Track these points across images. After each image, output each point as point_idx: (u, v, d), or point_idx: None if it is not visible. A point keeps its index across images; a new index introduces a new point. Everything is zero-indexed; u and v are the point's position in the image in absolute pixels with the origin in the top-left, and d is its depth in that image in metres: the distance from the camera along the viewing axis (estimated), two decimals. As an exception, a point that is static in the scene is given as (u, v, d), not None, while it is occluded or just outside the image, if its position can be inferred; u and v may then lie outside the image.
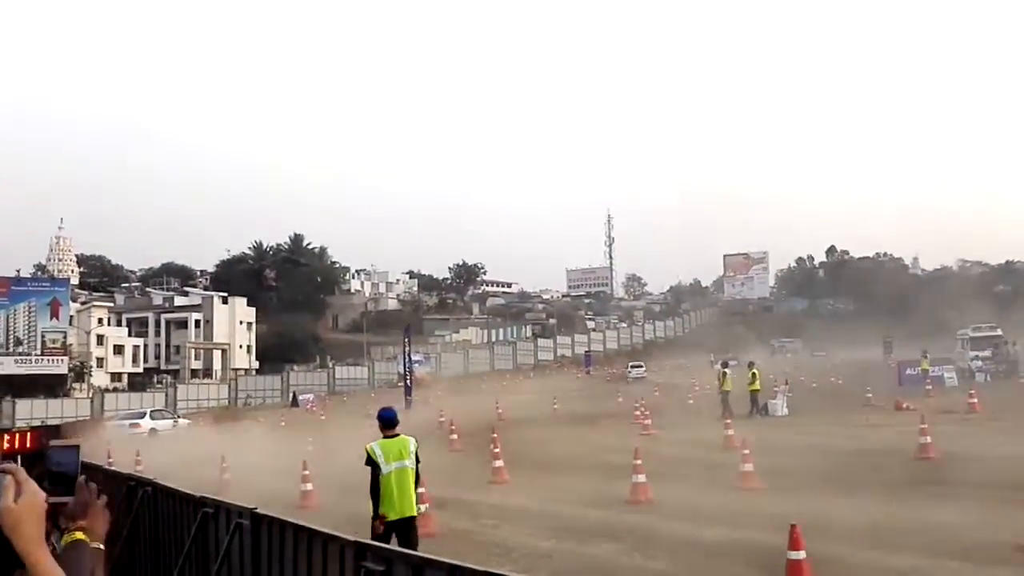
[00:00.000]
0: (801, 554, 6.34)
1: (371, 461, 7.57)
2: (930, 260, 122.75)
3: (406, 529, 7.50)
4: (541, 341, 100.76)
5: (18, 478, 1.70)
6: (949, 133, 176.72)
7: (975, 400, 23.52)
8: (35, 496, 1.70)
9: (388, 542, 6.93)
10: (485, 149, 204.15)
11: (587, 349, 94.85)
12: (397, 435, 7.71)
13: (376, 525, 7.40)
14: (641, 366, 64.64)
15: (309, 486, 14.81)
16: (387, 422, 7.73)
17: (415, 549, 6.40)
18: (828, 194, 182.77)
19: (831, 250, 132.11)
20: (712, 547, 9.63)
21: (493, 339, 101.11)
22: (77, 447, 1.99)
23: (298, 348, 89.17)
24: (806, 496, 12.28)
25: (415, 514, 7.63)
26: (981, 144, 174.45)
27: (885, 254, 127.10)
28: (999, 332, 42.03)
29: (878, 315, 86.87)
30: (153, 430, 37.65)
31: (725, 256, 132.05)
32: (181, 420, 42.43)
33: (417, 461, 7.73)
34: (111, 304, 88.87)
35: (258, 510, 5.52)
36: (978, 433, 18.82)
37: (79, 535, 1.99)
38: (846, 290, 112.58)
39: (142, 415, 40.98)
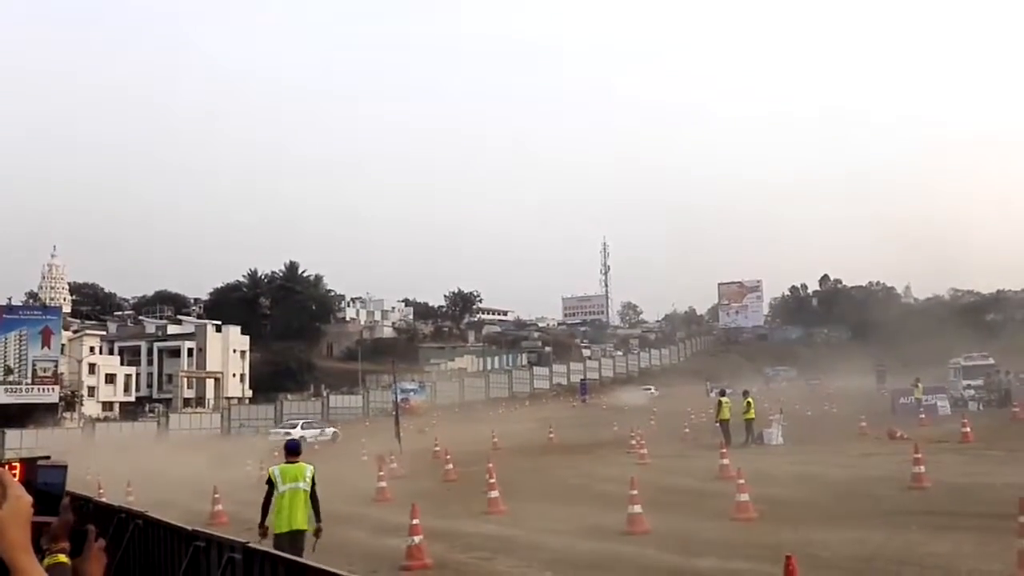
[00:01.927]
0: (795, 585, 6.35)
1: (270, 481, 9.08)
2: (922, 289, 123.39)
3: (296, 539, 8.90)
4: (537, 369, 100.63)
5: (3, 481, 1.63)
6: (941, 161, 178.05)
7: (968, 429, 23.50)
8: (20, 501, 1.63)
9: (284, 550, 7.80)
10: (482, 177, 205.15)
11: (583, 377, 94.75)
12: (297, 462, 9.20)
13: (260, 532, 8.89)
14: (650, 388, 69.42)
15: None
16: (291, 451, 9.31)
17: (300, 556, 7.43)
18: (822, 223, 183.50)
19: (824, 279, 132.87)
20: (707, 578, 9.61)
21: (489, 367, 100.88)
22: (64, 467, 1.91)
23: (292, 376, 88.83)
24: (801, 526, 12.27)
25: (304, 528, 9.00)
26: (971, 172, 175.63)
27: (878, 283, 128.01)
28: (991, 361, 42.18)
29: (871, 343, 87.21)
30: (303, 438, 35.80)
31: (720, 284, 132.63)
32: (328, 428, 48.22)
33: (313, 484, 9.14)
34: (103, 332, 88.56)
35: (251, 544, 5.52)
36: (971, 462, 18.79)
37: (61, 557, 1.96)
38: (839, 318, 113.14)
39: (294, 426, 46.25)
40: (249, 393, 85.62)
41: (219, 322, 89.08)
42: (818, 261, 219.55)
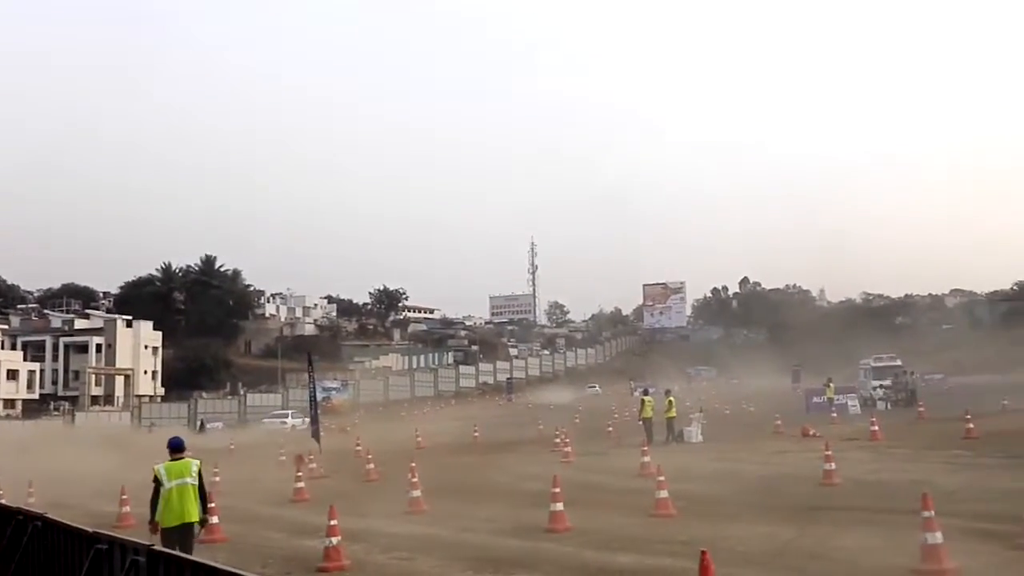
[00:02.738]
0: (710, 580, 6.44)
1: (156, 479, 9.21)
2: (836, 293, 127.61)
3: (186, 532, 9.12)
4: (463, 368, 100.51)
5: None
6: (854, 170, 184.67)
7: (876, 428, 24.35)
8: None
9: (174, 543, 8.36)
10: (408, 174, 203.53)
11: (509, 376, 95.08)
12: (183, 458, 9.41)
13: (151, 528, 9.11)
14: (595, 386, 70.97)
15: (215, 519, 14.32)
16: (175, 448, 9.46)
17: (191, 551, 7.62)
18: (744, 227, 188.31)
19: (744, 281, 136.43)
20: (625, 573, 9.70)
21: (414, 366, 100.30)
22: None
23: (207, 374, 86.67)
24: (717, 522, 12.50)
25: (195, 520, 9.21)
26: (883, 183, 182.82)
27: (794, 286, 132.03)
28: (899, 362, 43.92)
29: (788, 344, 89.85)
30: (293, 426, 52.37)
31: (645, 286, 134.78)
32: (291, 420, 56.21)
33: (200, 479, 9.38)
34: (5, 327, 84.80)
35: (156, 547, 5.31)
36: (879, 459, 19.47)
37: None
38: (758, 320, 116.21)
39: (287, 415, 58.03)
40: (161, 391, 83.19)
41: (130, 317, 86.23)
42: (739, 264, 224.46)
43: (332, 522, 11.01)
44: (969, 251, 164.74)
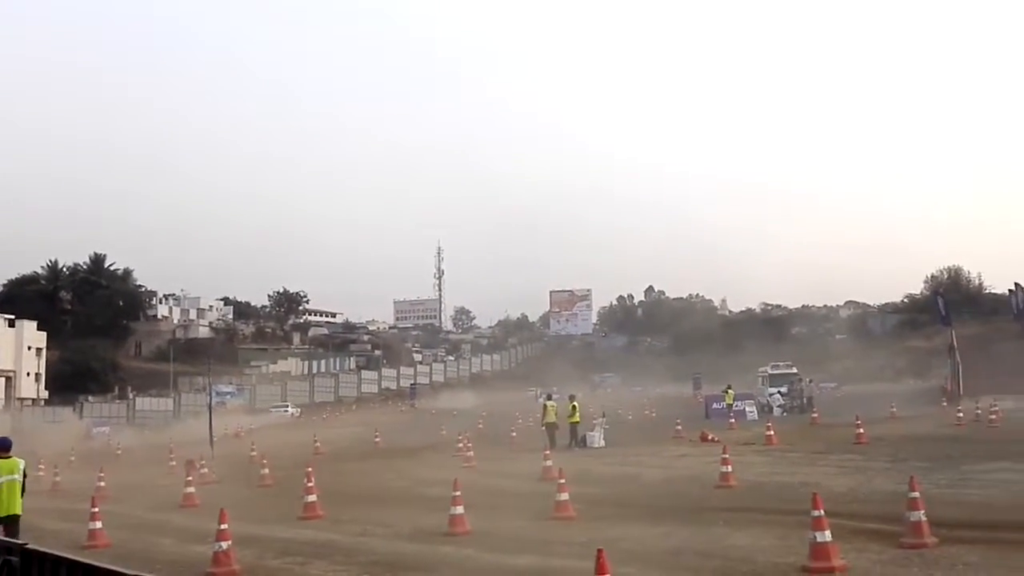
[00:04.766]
0: (606, 579, 6.43)
1: None
2: (736, 302, 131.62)
3: (12, 523, 10.28)
4: (365, 373, 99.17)
5: None
6: (752, 186, 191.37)
7: (772, 432, 25.15)
8: None
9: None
10: (312, 172, 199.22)
11: (413, 382, 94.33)
12: (10, 457, 10.60)
13: None
14: (534, 390, 70.87)
15: (98, 524, 13.60)
16: (2, 447, 10.59)
17: (16, 538, 8.17)
18: (649, 237, 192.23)
19: (649, 290, 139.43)
20: (524, 575, 9.65)
21: (314, 370, 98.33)
22: None
23: (94, 377, 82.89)
24: (617, 523, 12.59)
25: (19, 512, 10.50)
26: (780, 198, 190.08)
27: (697, 295, 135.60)
28: (795, 370, 45.64)
29: (690, 352, 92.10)
30: (292, 414, 69.96)
31: (551, 292, 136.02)
32: (292, 408, 73.18)
33: (24, 476, 10.71)
34: None
35: (30, 546, 4.96)
36: (774, 463, 20.06)
37: None
38: (662, 328, 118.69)
39: (287, 406, 73.80)
40: (45, 394, 79.17)
41: (12, 316, 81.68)
42: (645, 272, 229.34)
43: (222, 526, 10.67)
44: (863, 266, 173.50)
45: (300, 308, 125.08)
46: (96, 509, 13.85)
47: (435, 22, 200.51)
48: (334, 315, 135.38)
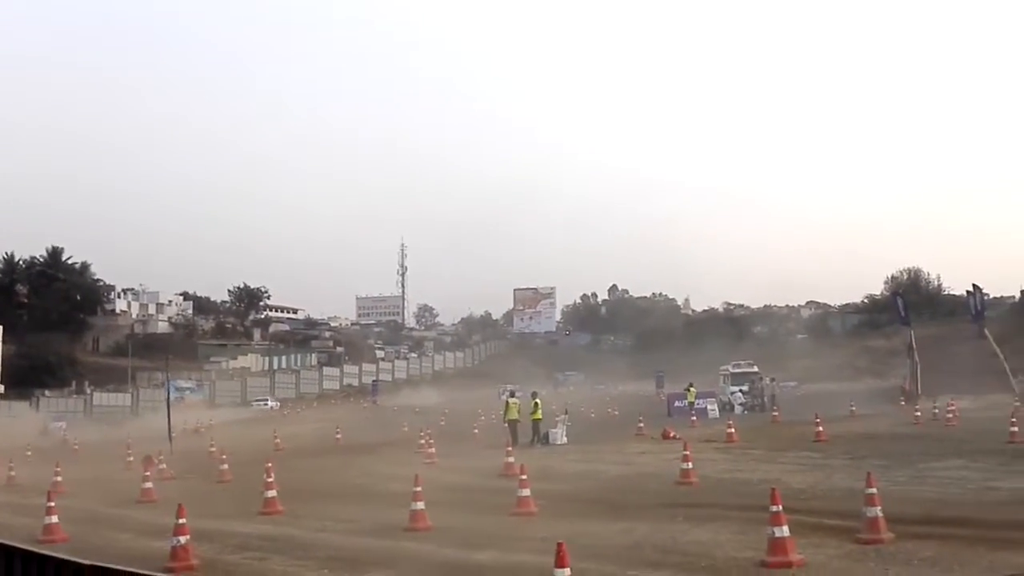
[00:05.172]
0: (566, 571, 6.43)
1: None
2: (699, 302, 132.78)
3: None
4: (327, 370, 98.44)
5: None
6: (717, 188, 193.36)
7: (732, 430, 25.40)
8: None
9: None
10: (272, 167, 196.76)
11: (375, 378, 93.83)
12: None
13: None
14: (506, 387, 67.78)
15: (54, 519, 13.35)
16: None
17: None
18: (611, 236, 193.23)
19: (613, 288, 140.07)
20: (485, 570, 9.63)
21: (275, 366, 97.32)
22: None
23: (52, 371, 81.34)
24: (578, 519, 12.63)
25: None
26: (743, 199, 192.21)
27: (660, 294, 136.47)
28: (756, 369, 46.13)
29: (653, 351, 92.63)
30: (273, 408, 73.71)
31: (515, 290, 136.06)
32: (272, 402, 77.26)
33: None
34: None
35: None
36: (734, 460, 20.25)
37: None
38: (625, 327, 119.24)
39: (267, 400, 78.32)
40: (1, 388, 77.38)
41: (-34, 310, 79.85)
42: (609, 271, 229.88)
43: (180, 521, 10.53)
44: (824, 267, 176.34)
45: (261, 304, 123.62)
46: (52, 503, 13.61)
47: (395, 19, 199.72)
48: (295, 311, 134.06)
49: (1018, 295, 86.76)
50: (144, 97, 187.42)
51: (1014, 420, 21.13)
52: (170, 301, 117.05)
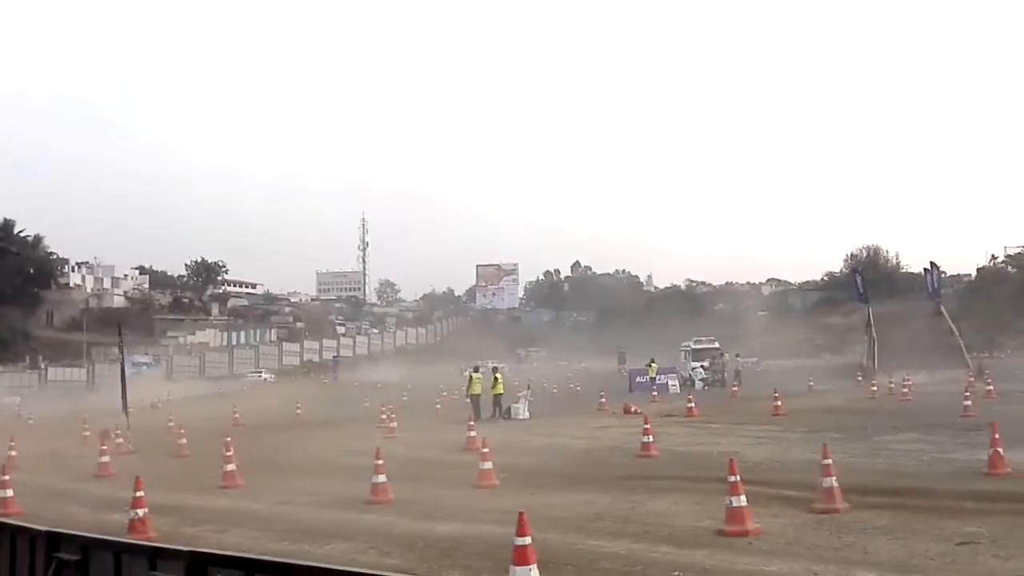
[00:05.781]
0: (527, 540, 6.45)
1: None
2: (662, 279, 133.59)
3: None
4: (287, 345, 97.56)
5: None
6: (677, 169, 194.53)
7: (693, 405, 25.76)
8: None
9: None
10: (230, 141, 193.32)
11: (335, 354, 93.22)
12: None
13: None
14: (487, 363, 67.80)
15: (9, 492, 13.11)
16: None
17: None
18: (574, 213, 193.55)
19: (576, 265, 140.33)
20: (447, 541, 9.62)
21: (234, 342, 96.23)
22: None
23: (5, 346, 79.58)
24: (540, 492, 12.70)
25: None
26: (703, 182, 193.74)
27: (623, 271, 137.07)
28: (716, 345, 46.69)
29: (615, 327, 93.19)
30: (266, 380, 74.12)
31: (478, 267, 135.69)
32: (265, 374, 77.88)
33: None
34: None
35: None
36: (694, 433, 20.59)
37: None
38: (588, 303, 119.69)
39: (261, 372, 79.50)
40: (-49, 364, 75.64)
41: (-84, 284, 77.65)
42: (572, 248, 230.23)
43: (138, 494, 10.46)
44: (785, 245, 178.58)
45: (219, 278, 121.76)
46: (7, 477, 13.38)
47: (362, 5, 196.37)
48: (254, 286, 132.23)
49: (974, 273, 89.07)
50: (95, 65, 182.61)
51: (968, 395, 21.68)
52: (126, 275, 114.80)
